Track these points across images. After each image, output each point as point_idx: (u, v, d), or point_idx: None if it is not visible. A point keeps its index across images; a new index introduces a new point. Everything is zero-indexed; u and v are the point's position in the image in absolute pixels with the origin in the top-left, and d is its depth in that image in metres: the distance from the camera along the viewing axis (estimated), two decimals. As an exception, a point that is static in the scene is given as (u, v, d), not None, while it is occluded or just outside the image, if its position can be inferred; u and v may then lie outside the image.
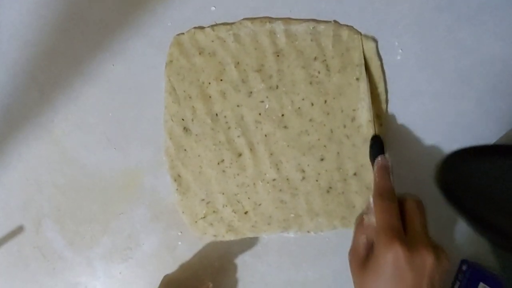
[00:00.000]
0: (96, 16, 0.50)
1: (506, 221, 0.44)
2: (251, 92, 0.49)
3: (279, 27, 0.49)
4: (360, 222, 0.42)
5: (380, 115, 0.49)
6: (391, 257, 0.37)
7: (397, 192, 0.42)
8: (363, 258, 0.40)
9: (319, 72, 0.49)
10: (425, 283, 0.37)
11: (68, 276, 0.52)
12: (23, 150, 0.51)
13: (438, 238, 0.51)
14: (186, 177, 0.50)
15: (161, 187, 0.51)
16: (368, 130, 0.49)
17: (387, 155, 0.44)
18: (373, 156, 0.45)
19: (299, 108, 0.49)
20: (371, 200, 0.42)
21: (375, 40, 0.49)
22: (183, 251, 0.52)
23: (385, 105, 0.50)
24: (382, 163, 0.43)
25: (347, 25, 0.49)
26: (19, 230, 0.52)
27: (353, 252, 0.42)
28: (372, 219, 0.41)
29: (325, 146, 0.49)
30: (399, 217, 0.40)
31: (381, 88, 0.49)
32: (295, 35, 0.49)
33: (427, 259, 0.37)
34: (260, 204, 0.50)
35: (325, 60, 0.49)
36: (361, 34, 0.49)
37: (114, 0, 0.50)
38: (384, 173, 0.43)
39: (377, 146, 0.46)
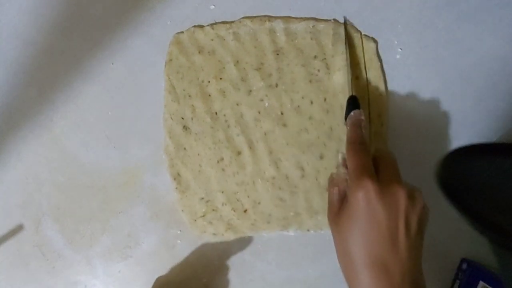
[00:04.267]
0: (95, 15, 0.50)
1: (506, 219, 0.44)
2: (250, 91, 0.49)
3: (278, 25, 0.49)
4: (330, 179, 0.42)
5: (381, 115, 0.49)
6: (362, 193, 0.36)
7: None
8: (337, 211, 0.39)
9: (318, 71, 0.49)
10: (401, 223, 0.36)
11: (68, 274, 0.52)
12: (22, 148, 0.51)
13: (438, 237, 0.51)
14: (186, 175, 0.50)
15: (161, 186, 0.51)
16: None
17: (361, 110, 0.44)
18: (348, 114, 0.45)
19: (298, 106, 0.49)
20: (340, 156, 0.42)
21: (375, 41, 0.49)
22: (182, 249, 0.52)
23: (386, 106, 0.49)
24: (354, 116, 0.43)
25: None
26: (18, 228, 0.52)
27: (328, 209, 0.41)
28: (341, 171, 0.41)
29: (324, 144, 0.49)
30: (371, 160, 0.39)
31: (381, 89, 0.49)
32: (295, 33, 0.49)
33: (399, 195, 0.36)
34: (259, 203, 0.50)
35: (324, 58, 0.49)
36: (361, 33, 0.49)
37: (114, -1, 0.50)
38: (356, 124, 0.42)
39: (353, 104, 0.45)
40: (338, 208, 0.40)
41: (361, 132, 0.42)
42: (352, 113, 0.43)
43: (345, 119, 0.45)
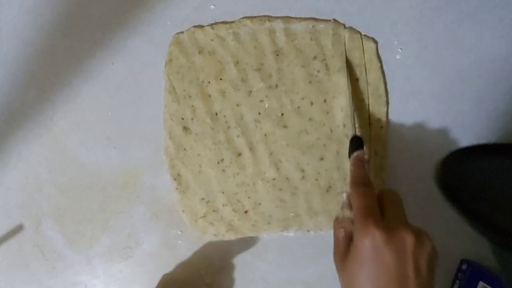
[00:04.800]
0: (95, 15, 0.50)
1: (505, 219, 0.44)
2: (250, 91, 0.49)
3: (278, 25, 0.49)
4: (336, 219, 0.42)
5: (381, 118, 0.49)
6: (369, 240, 0.35)
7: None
8: (344, 252, 0.39)
9: (318, 71, 0.49)
10: (410, 266, 0.35)
11: (68, 274, 0.52)
12: (22, 148, 0.51)
13: (438, 237, 0.51)
14: (186, 176, 0.50)
15: (161, 186, 0.51)
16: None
17: (365, 149, 0.44)
18: (351, 153, 0.45)
19: (298, 107, 0.49)
20: (345, 196, 0.42)
21: (375, 41, 0.49)
22: (183, 250, 0.52)
23: (386, 108, 0.49)
24: (358, 156, 0.43)
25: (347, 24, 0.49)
26: (18, 228, 0.52)
27: (334, 250, 0.41)
28: (346, 213, 0.41)
29: (324, 145, 0.49)
30: (376, 202, 0.39)
31: (381, 90, 0.49)
32: (295, 33, 0.49)
33: (407, 239, 0.35)
34: (260, 203, 0.50)
35: (324, 59, 0.49)
36: (361, 33, 0.49)
37: (113, -1, 0.50)
38: (360, 164, 0.42)
39: (356, 143, 0.45)
40: (345, 249, 0.39)
41: (365, 173, 0.42)
42: (355, 154, 0.43)
43: (349, 156, 0.45)
